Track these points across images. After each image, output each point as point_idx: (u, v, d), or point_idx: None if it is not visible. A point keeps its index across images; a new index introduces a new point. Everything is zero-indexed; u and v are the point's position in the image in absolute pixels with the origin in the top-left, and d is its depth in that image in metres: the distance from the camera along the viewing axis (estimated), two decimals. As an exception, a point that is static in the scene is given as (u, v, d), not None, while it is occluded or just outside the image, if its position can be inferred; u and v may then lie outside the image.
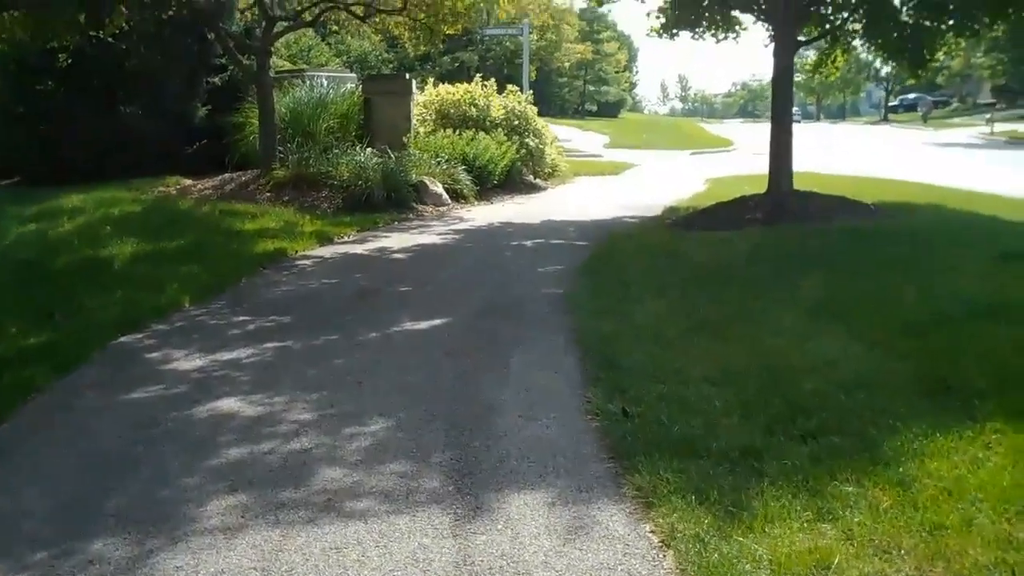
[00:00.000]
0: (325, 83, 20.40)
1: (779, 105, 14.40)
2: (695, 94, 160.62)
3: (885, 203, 15.21)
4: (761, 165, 27.67)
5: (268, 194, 16.76)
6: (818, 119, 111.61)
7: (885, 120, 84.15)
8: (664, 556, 4.12)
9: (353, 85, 21.58)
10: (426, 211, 16.52)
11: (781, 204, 13.62)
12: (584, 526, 4.40)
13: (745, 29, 16.65)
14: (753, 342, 7.19)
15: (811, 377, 6.23)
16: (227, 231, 13.44)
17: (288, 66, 32.88)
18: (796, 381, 6.18)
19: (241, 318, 8.83)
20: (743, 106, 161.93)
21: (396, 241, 13.27)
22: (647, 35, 16.51)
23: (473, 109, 20.87)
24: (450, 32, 19.84)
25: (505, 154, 19.44)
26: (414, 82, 20.70)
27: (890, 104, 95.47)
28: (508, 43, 61.66)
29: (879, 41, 15.67)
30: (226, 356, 7.49)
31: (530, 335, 7.94)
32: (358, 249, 12.71)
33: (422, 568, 4.04)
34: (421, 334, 8.14)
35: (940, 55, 16.10)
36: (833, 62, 16.73)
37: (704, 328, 7.68)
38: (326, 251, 12.57)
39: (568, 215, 16.27)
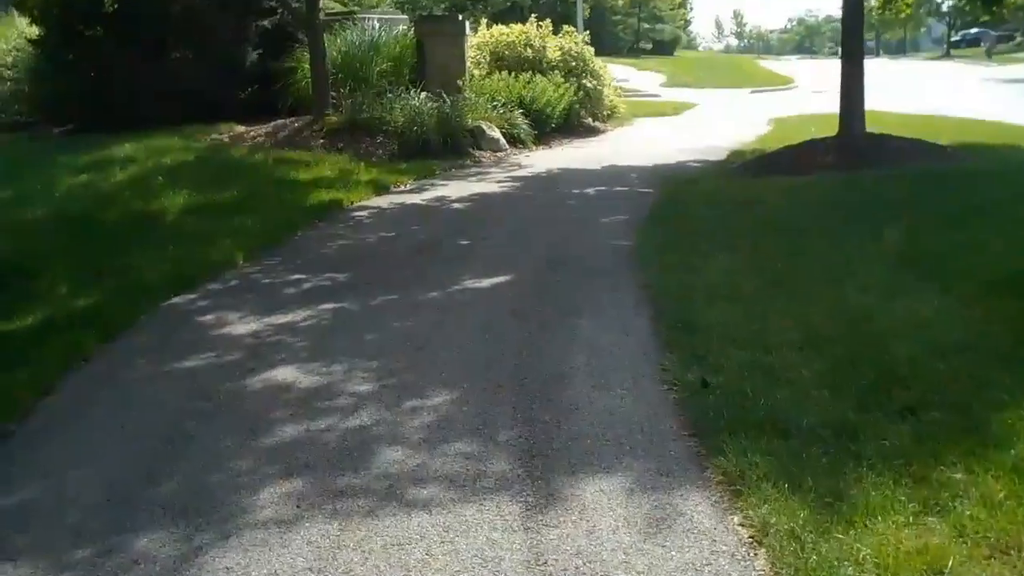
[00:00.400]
0: (376, 25, 19.96)
1: (850, 42, 13.73)
2: (751, 30, 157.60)
3: (961, 144, 14.58)
4: (824, 104, 26.99)
5: (322, 141, 16.41)
6: (877, 54, 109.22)
7: (948, 56, 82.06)
8: (755, 555, 3.73)
9: (405, 27, 21.12)
10: (483, 157, 16.12)
11: (853, 147, 13.04)
12: (666, 518, 4.03)
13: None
14: (838, 301, 6.73)
15: (905, 341, 5.79)
16: (281, 181, 13.13)
17: (339, 8, 32.47)
18: (889, 346, 5.74)
19: (296, 276, 8.50)
20: (799, 42, 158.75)
21: (454, 190, 12.89)
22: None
23: (529, 50, 20.34)
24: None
25: (563, 97, 18.93)
26: (467, 23, 20.20)
27: (952, 39, 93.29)
28: (562, -19, 60.68)
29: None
30: (281, 319, 7.18)
31: (598, 292, 7.56)
32: (415, 199, 12.35)
33: (491, 569, 3.69)
34: (484, 292, 7.78)
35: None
36: (904, -2, 15.98)
37: (783, 285, 7.24)
38: (383, 201, 12.23)
39: (629, 160, 15.78)
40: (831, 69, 44.36)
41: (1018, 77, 42.48)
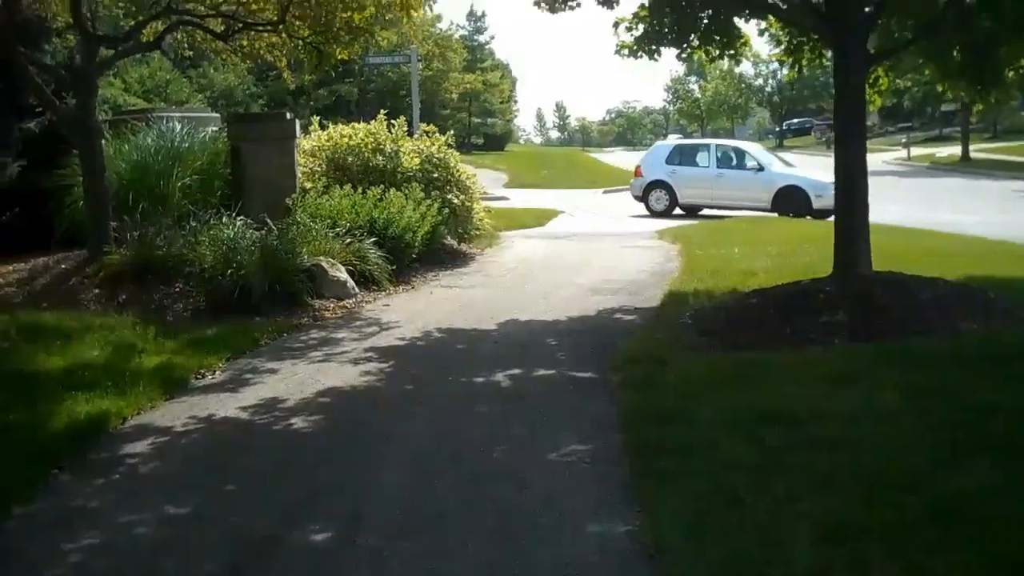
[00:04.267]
0: (178, 127, 15.35)
1: (849, 144, 9.80)
2: (574, 122, 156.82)
3: (981, 281, 10.93)
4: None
5: (97, 291, 11.74)
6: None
7: (781, 146, 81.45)
8: None
9: (215, 128, 16.64)
10: (326, 310, 11.60)
11: (866, 297, 9.07)
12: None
13: (745, 43, 12.32)
14: None
15: None
16: (17, 375, 8.42)
17: (143, 104, 27.87)
18: None
19: None
20: (620, 134, 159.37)
21: (290, 384, 8.32)
22: (616, 52, 12.03)
23: (379, 157, 15.92)
24: (342, 56, 15.01)
25: (425, 217, 14.58)
26: (297, 123, 15.75)
27: (776, 129, 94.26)
28: (391, 74, 57.11)
29: (939, 60, 11.54)
30: None
31: None
32: (229, 407, 7.71)
33: None
34: None
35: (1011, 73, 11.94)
36: (873, 84, 12.29)
37: None
38: (176, 414, 7.56)
39: (530, 309, 11.52)
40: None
41: (880, 169, 40.94)
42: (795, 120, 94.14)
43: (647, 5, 11.49)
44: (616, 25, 11.99)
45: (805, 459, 5.70)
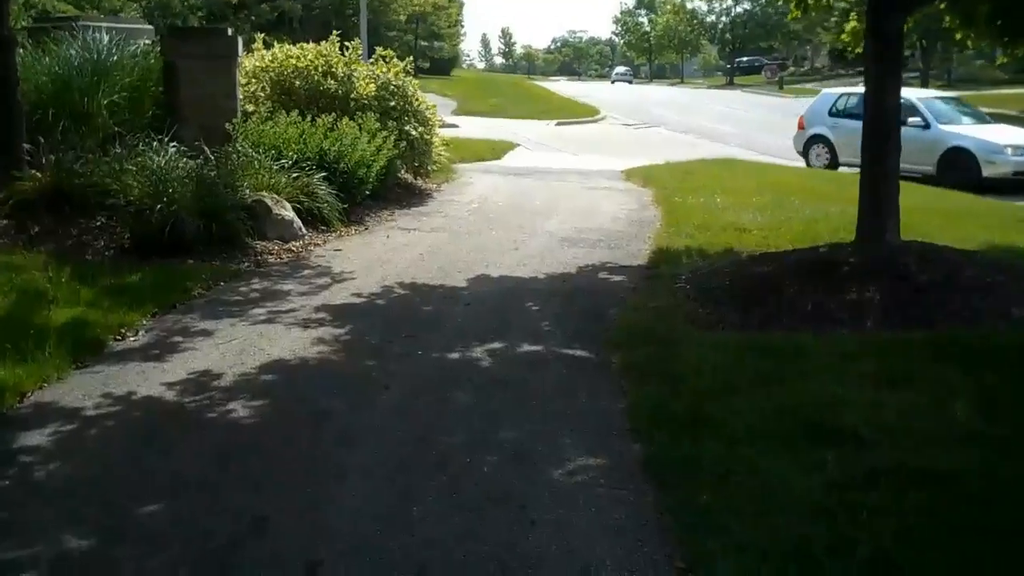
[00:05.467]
0: (106, 38, 13.67)
1: (884, 95, 8.55)
2: (522, 49, 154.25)
3: (981, 246, 9.87)
4: (662, 144, 22.56)
5: (5, 222, 10.25)
6: (650, 80, 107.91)
7: (731, 84, 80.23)
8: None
9: (148, 41, 14.98)
10: (270, 254, 10.24)
11: (900, 273, 7.90)
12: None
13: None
14: None
15: None
16: None
17: (72, 12, 26.23)
18: None
19: None
20: (566, 63, 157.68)
21: (227, 352, 6.98)
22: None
23: (331, 81, 14.42)
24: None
25: (381, 150, 13.13)
26: (240, 40, 14.09)
27: (727, 67, 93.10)
28: (337, -11, 54.80)
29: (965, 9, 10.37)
30: None
31: None
32: (153, 382, 6.34)
33: None
34: None
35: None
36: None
37: None
38: (88, 390, 6.17)
39: (500, 261, 10.22)
40: (617, 93, 41.26)
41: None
42: (745, 58, 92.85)
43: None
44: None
45: (884, 499, 4.48)
